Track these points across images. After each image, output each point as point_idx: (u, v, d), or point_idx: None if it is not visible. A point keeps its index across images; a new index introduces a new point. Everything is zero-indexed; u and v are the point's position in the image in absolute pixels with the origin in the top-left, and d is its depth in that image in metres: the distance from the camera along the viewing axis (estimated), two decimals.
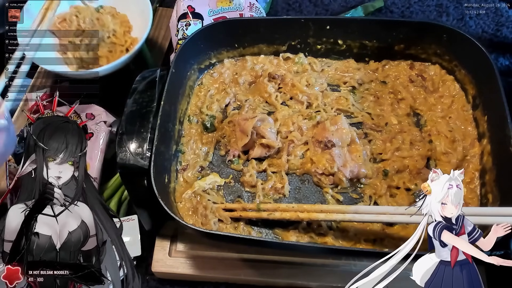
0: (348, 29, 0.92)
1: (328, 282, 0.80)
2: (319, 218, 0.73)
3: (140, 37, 1.01)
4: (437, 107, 0.89)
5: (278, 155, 0.85)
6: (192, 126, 0.89)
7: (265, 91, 0.92)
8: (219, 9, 1.05)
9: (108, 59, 1.01)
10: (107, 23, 1.01)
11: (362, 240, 0.75)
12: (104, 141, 0.94)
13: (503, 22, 1.14)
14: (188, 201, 0.80)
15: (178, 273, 0.83)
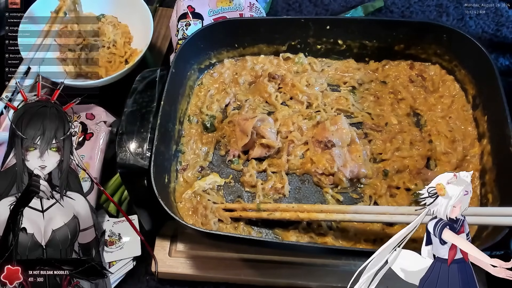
0: (348, 29, 0.92)
1: (328, 282, 0.80)
2: (319, 218, 0.73)
3: (140, 48, 1.02)
4: (437, 107, 0.89)
5: (278, 155, 0.85)
6: (192, 126, 0.89)
7: (265, 91, 0.92)
8: (219, 9, 1.05)
9: (107, 70, 1.00)
10: (107, 33, 1.01)
11: (362, 240, 0.75)
12: (104, 141, 0.94)
13: (503, 22, 1.14)
14: (188, 201, 0.80)
15: (178, 273, 0.83)
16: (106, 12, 1.05)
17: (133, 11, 1.05)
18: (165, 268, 0.83)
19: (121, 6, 1.06)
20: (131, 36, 1.06)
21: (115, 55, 1.02)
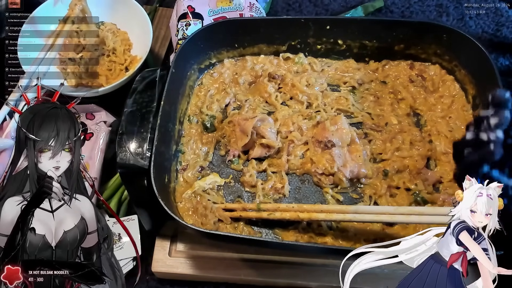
0: (348, 29, 0.92)
1: (328, 282, 0.80)
2: (319, 218, 0.73)
3: (140, 55, 1.02)
4: (437, 107, 0.89)
5: (278, 155, 0.85)
6: (192, 126, 0.89)
7: (265, 91, 0.92)
8: (219, 9, 1.05)
9: (108, 78, 1.00)
10: (107, 41, 1.01)
11: (362, 240, 0.75)
12: (104, 141, 0.94)
13: (503, 22, 1.14)
14: (188, 201, 0.80)
15: (178, 273, 0.83)
16: (104, 20, 1.05)
17: (132, 18, 1.05)
18: (165, 268, 0.83)
19: (120, 13, 1.06)
20: (130, 43, 1.06)
21: (115, 63, 1.02)
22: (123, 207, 0.92)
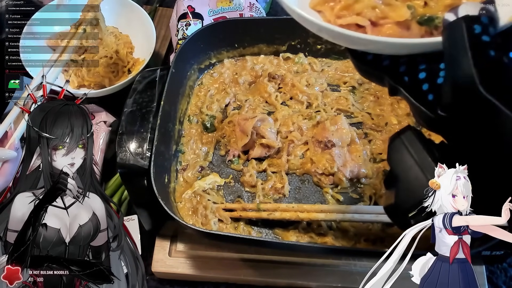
0: None
1: (328, 282, 0.80)
2: (319, 218, 0.73)
3: (143, 57, 1.02)
4: None
5: (278, 155, 0.85)
6: (192, 126, 0.89)
7: (265, 91, 0.92)
8: (219, 9, 1.05)
9: (111, 80, 1.00)
10: (110, 43, 1.01)
11: (362, 240, 0.75)
12: (104, 141, 0.94)
13: None
14: (188, 201, 0.80)
15: (178, 273, 0.83)
16: (106, 23, 1.05)
17: (134, 21, 1.06)
18: (165, 268, 0.83)
19: (122, 17, 1.07)
20: (132, 46, 1.07)
21: (118, 65, 1.02)
22: (123, 207, 0.92)
